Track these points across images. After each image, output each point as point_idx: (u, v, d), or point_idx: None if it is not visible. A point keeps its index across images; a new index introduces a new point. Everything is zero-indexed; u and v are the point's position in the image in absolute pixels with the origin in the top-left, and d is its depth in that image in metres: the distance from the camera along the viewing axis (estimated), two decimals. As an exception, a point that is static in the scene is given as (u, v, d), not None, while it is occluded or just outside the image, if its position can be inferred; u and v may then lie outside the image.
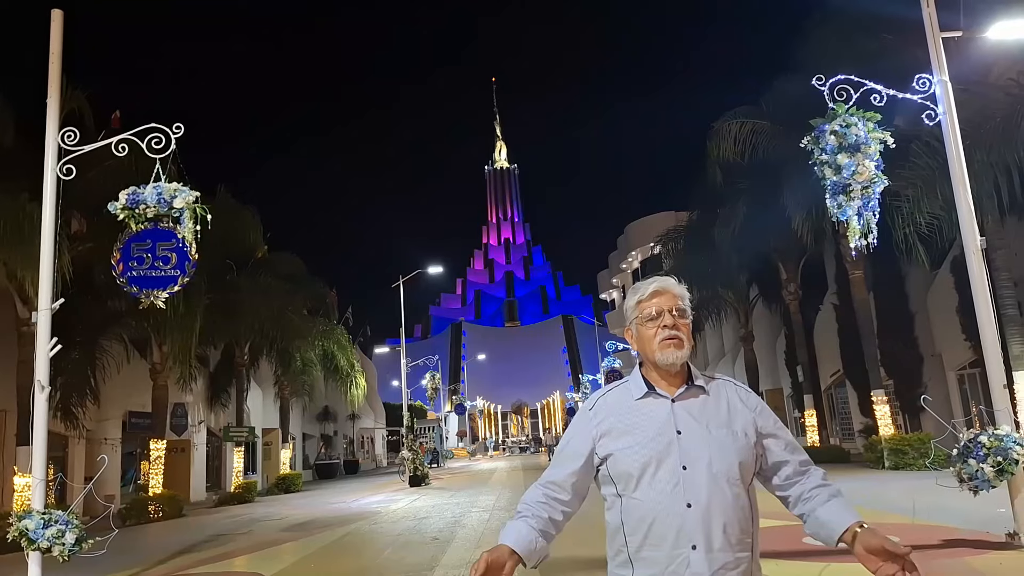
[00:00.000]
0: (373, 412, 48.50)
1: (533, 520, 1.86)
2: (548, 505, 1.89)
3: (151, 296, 7.61)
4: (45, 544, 6.64)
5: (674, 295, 1.92)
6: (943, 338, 18.87)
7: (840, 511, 1.81)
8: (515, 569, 1.78)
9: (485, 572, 1.70)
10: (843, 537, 1.77)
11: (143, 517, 17.23)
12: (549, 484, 1.92)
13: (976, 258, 7.50)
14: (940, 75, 7.79)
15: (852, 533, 1.76)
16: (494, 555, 1.75)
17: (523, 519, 1.87)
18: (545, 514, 1.88)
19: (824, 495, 1.85)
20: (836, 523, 1.79)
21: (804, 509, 1.88)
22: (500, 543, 1.80)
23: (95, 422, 19.84)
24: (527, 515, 1.88)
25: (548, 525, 1.88)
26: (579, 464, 1.91)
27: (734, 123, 19.62)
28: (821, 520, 1.83)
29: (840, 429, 26.07)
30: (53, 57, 7.60)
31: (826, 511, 1.82)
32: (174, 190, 7.59)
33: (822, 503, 1.84)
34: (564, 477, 1.91)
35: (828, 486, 1.88)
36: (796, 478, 1.89)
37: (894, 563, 1.68)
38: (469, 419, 69.79)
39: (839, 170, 7.35)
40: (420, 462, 24.26)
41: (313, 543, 11.35)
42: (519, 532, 1.83)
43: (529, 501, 1.91)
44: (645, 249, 44.93)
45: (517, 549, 1.79)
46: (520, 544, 1.80)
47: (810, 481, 1.89)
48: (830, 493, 1.86)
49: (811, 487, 1.88)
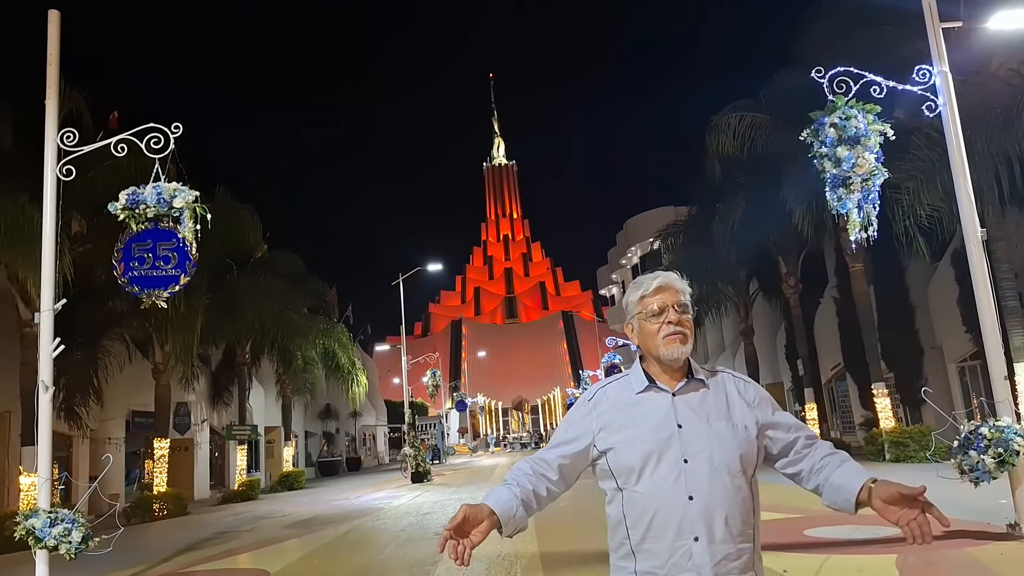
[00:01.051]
0: (375, 409, 48.56)
1: (517, 489, 1.88)
2: (534, 478, 1.92)
3: (152, 296, 7.62)
4: (52, 542, 6.68)
5: (677, 290, 1.93)
6: (944, 330, 18.88)
7: (853, 473, 1.81)
8: (490, 530, 1.80)
9: (462, 523, 1.74)
10: (859, 497, 1.77)
11: (148, 515, 17.29)
12: (539, 460, 1.95)
13: (977, 249, 7.50)
14: (940, 66, 7.77)
15: (867, 490, 1.76)
16: (473, 510, 1.78)
17: (508, 487, 1.89)
18: (530, 486, 1.90)
19: (834, 462, 1.86)
20: (851, 485, 1.79)
21: (818, 480, 1.88)
22: (482, 502, 1.83)
23: (99, 422, 19.89)
24: (512, 484, 1.90)
25: (531, 497, 1.90)
26: (572, 449, 1.93)
27: (733, 117, 19.60)
28: (836, 485, 1.83)
29: (841, 422, 26.10)
30: (51, 58, 7.60)
31: (839, 476, 1.83)
32: (174, 190, 7.59)
33: (834, 470, 1.85)
34: (555, 458, 1.94)
35: (837, 454, 1.89)
36: (804, 451, 1.91)
37: (912, 507, 1.69)
38: (470, 416, 69.86)
39: (839, 163, 7.34)
40: (422, 459, 24.31)
41: (317, 540, 11.38)
42: (501, 497, 1.86)
43: (517, 472, 1.94)
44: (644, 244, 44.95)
45: (497, 511, 1.81)
46: (500, 507, 1.83)
47: (818, 452, 1.90)
48: (840, 460, 1.87)
49: (820, 457, 1.89)
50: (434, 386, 38.12)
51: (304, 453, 36.05)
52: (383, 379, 54.70)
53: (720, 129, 19.80)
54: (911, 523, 1.68)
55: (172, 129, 7.63)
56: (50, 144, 7.43)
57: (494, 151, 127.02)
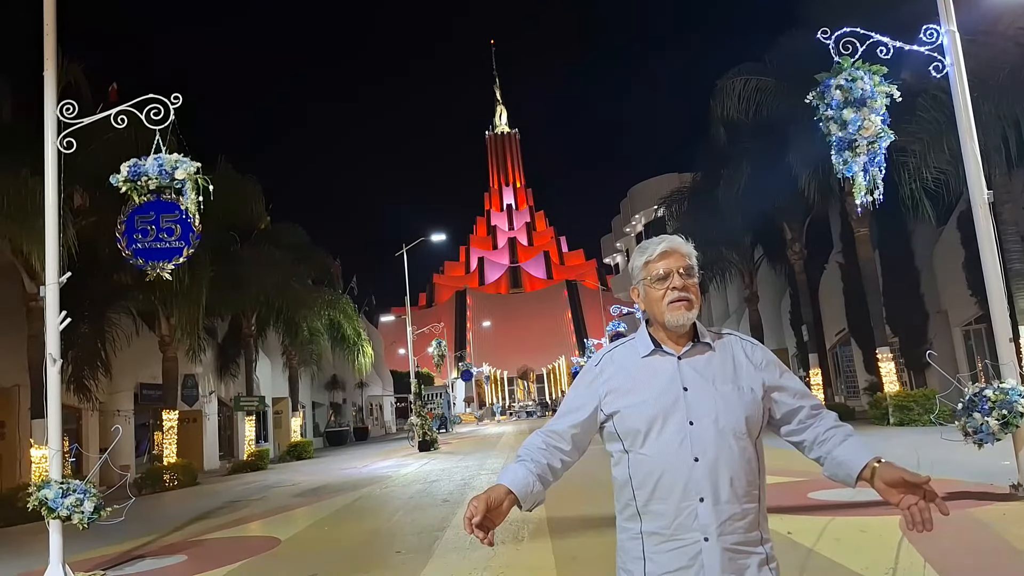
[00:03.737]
0: (381, 380, 48.92)
1: (532, 464, 1.89)
2: (548, 451, 1.92)
3: (157, 268, 7.62)
4: (64, 513, 6.77)
5: (682, 254, 1.91)
6: (949, 294, 18.83)
7: (857, 449, 1.81)
8: (510, 508, 1.81)
9: (484, 515, 1.73)
10: (862, 474, 1.78)
11: (158, 486, 17.55)
12: (551, 433, 1.95)
13: (983, 212, 7.43)
14: (948, 25, 7.63)
15: (871, 469, 1.76)
16: (492, 495, 1.78)
17: (522, 463, 1.90)
18: (544, 460, 1.91)
19: (839, 435, 1.86)
20: (854, 461, 1.80)
21: (820, 452, 1.88)
22: (498, 483, 1.83)
23: (107, 394, 20.09)
24: (526, 459, 1.91)
25: (546, 471, 1.90)
26: (582, 417, 1.93)
27: (738, 80, 19.32)
28: (839, 460, 1.83)
29: (845, 387, 26.21)
30: (47, 28, 7.50)
31: (843, 451, 1.83)
32: (175, 161, 7.54)
33: (838, 443, 1.85)
34: (565, 428, 1.94)
35: (842, 427, 1.88)
36: (809, 421, 1.90)
37: (914, 493, 1.70)
38: (476, 385, 70.35)
39: (844, 125, 7.24)
40: (428, 428, 24.54)
41: (326, 508, 11.55)
42: (516, 474, 1.86)
43: (529, 446, 1.94)
44: (648, 212, 44.70)
45: (514, 490, 1.82)
46: (517, 485, 1.83)
47: (823, 424, 1.89)
48: (845, 433, 1.86)
49: (825, 429, 1.88)
50: (439, 356, 38.30)
51: (312, 423, 36.43)
52: (388, 350, 55.03)
53: (725, 94, 19.54)
54: (912, 508, 1.69)
55: (172, 100, 7.56)
56: (49, 116, 7.37)
57: (496, 119, 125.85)
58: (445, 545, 7.37)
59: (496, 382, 78.68)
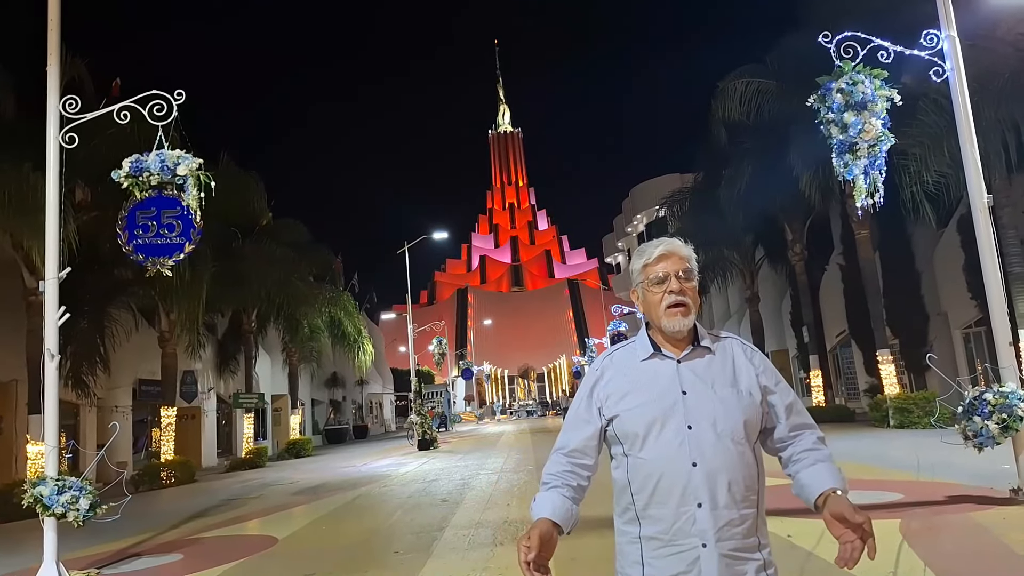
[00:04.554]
0: (381, 378, 48.95)
1: (564, 489, 1.89)
2: (574, 473, 1.92)
3: (157, 264, 7.61)
4: (60, 510, 6.72)
5: (681, 257, 1.91)
6: (949, 297, 18.83)
7: (820, 475, 1.82)
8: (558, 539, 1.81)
9: (539, 554, 1.72)
10: (817, 501, 1.80)
11: (155, 483, 17.51)
12: (572, 452, 1.93)
13: (983, 216, 7.43)
14: (948, 30, 7.63)
15: (824, 498, 1.78)
16: (541, 530, 1.77)
17: (555, 489, 1.89)
18: (574, 482, 1.91)
19: (810, 459, 1.87)
20: (814, 487, 1.81)
21: (790, 471, 1.91)
22: (539, 516, 1.82)
23: (106, 390, 20.09)
24: (558, 485, 1.90)
25: (578, 492, 1.92)
26: (594, 427, 1.93)
27: (739, 82, 19.34)
28: (802, 483, 1.85)
29: (845, 389, 26.20)
30: (51, 24, 7.50)
31: (808, 475, 1.84)
32: (177, 157, 7.54)
33: (806, 467, 1.86)
34: (583, 442, 1.93)
35: (817, 450, 1.89)
36: (788, 441, 1.91)
37: (854, 530, 1.70)
38: (476, 384, 70.36)
39: (845, 129, 7.25)
40: (428, 426, 24.54)
41: (324, 506, 11.54)
42: (555, 503, 1.85)
43: (555, 471, 1.93)
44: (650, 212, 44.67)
45: (558, 520, 1.82)
46: (559, 515, 1.83)
47: (800, 444, 1.90)
48: (816, 457, 1.87)
49: (801, 449, 1.89)
50: (440, 354, 38.34)
51: (311, 421, 36.45)
52: (389, 347, 55.03)
53: (727, 95, 19.55)
54: (846, 544, 1.70)
55: (175, 96, 7.56)
56: (52, 111, 7.37)
57: (499, 118, 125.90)
58: (444, 545, 7.36)
59: (497, 381, 78.70)
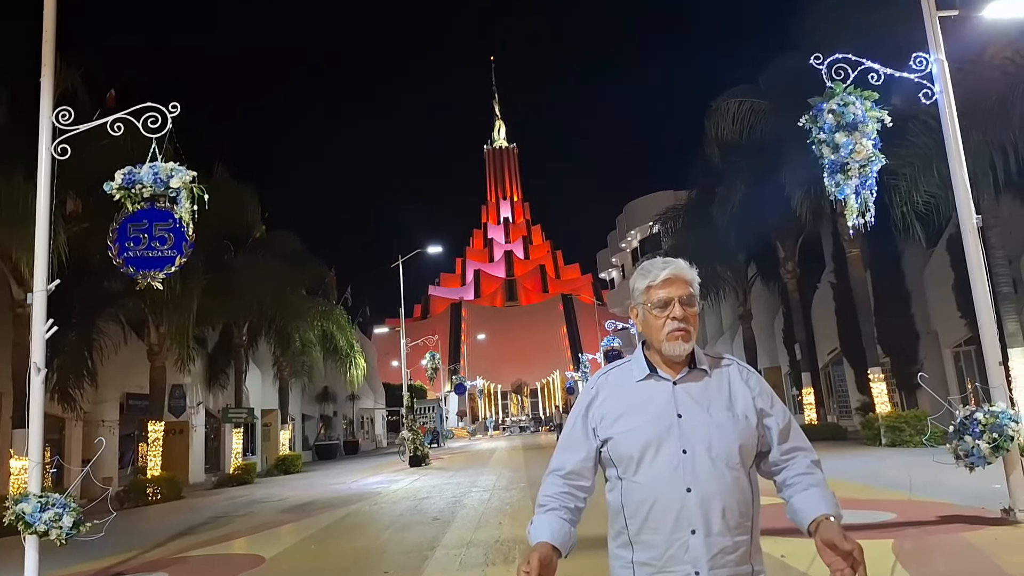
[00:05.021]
0: (373, 392, 48.67)
1: (562, 512, 1.86)
2: (571, 495, 1.89)
3: (148, 277, 7.55)
4: (42, 528, 6.60)
5: (685, 281, 1.89)
6: (939, 315, 18.93)
7: (814, 501, 1.80)
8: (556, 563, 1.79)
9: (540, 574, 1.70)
10: (810, 527, 1.78)
11: (141, 500, 17.23)
12: (569, 474, 1.91)
13: (972, 236, 7.50)
14: (936, 54, 7.75)
15: (816, 524, 1.77)
16: (542, 553, 1.74)
17: (553, 512, 1.86)
18: (571, 504, 1.88)
19: (804, 483, 1.85)
20: (807, 512, 1.80)
21: (784, 495, 1.89)
22: (538, 540, 1.80)
23: (92, 404, 19.84)
24: (556, 507, 1.87)
25: (575, 514, 1.90)
26: (589, 449, 1.91)
27: (732, 102, 19.52)
28: (795, 508, 1.84)
29: (838, 407, 26.22)
30: (47, 35, 7.49)
31: (801, 500, 1.83)
32: (171, 170, 7.50)
33: (800, 491, 1.84)
34: (579, 464, 1.91)
35: (810, 475, 1.87)
36: (782, 464, 1.90)
37: (844, 558, 1.68)
38: (469, 399, 70.08)
39: (837, 149, 7.31)
40: (420, 442, 24.39)
41: (313, 524, 11.40)
42: (553, 527, 1.83)
43: (552, 493, 1.90)
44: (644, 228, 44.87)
45: (557, 544, 1.80)
46: (558, 538, 1.81)
47: (794, 468, 1.88)
48: (809, 482, 1.85)
49: (794, 474, 1.87)
50: (433, 369, 38.16)
51: (301, 436, 36.16)
52: (382, 362, 54.77)
53: (719, 114, 19.72)
54: (836, 573, 1.69)
55: (169, 109, 7.54)
56: (45, 123, 7.34)
57: (495, 134, 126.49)
58: (435, 565, 7.28)
59: (489, 396, 78.35)
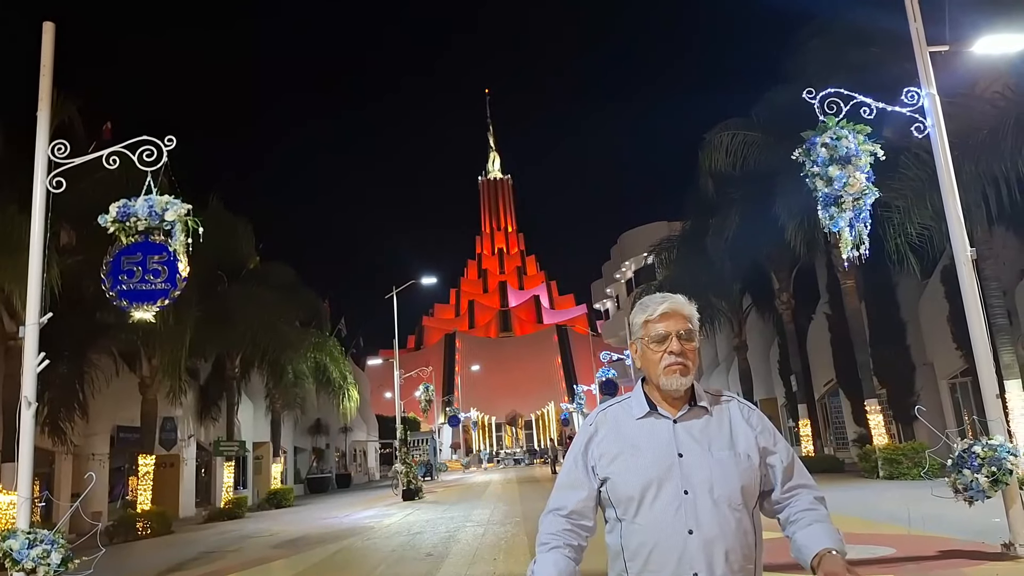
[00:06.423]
0: (366, 424, 48.22)
1: (566, 550, 1.84)
2: (574, 533, 1.87)
3: (140, 310, 7.53)
4: (30, 565, 6.50)
5: (683, 316, 1.88)
6: (935, 347, 18.94)
7: (817, 536, 1.79)
8: None
9: None
10: (813, 562, 1.77)
11: (131, 534, 16.95)
12: (571, 514, 1.88)
13: (967, 268, 7.53)
14: (928, 88, 7.87)
15: (819, 558, 1.75)
16: None
17: (556, 550, 1.84)
18: (575, 541, 1.86)
19: (807, 519, 1.83)
20: (810, 547, 1.79)
21: (788, 532, 1.88)
22: None
23: (83, 437, 19.60)
24: (559, 545, 1.84)
25: (579, 552, 1.88)
26: (589, 488, 1.88)
27: (726, 135, 19.72)
28: (799, 544, 1.82)
29: (834, 438, 26.08)
30: (44, 70, 7.54)
31: (804, 535, 1.82)
32: (165, 203, 7.52)
33: (803, 527, 1.83)
34: (580, 503, 1.88)
35: (814, 511, 1.85)
36: (785, 502, 1.88)
37: None
38: (463, 431, 69.48)
39: (830, 182, 7.38)
40: (413, 475, 24.12)
41: (304, 560, 11.22)
42: (560, 565, 1.81)
43: (554, 531, 1.87)
44: (638, 259, 45.08)
45: None
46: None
47: (797, 505, 1.87)
48: (813, 518, 1.83)
49: (797, 511, 1.86)
50: (427, 400, 37.92)
51: (293, 469, 35.71)
52: (375, 393, 54.39)
53: (713, 146, 19.92)
54: None
55: (165, 142, 7.58)
56: (41, 156, 7.37)
57: (489, 165, 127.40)
58: (426, 601, 7.14)
59: (484, 428, 77.75)
